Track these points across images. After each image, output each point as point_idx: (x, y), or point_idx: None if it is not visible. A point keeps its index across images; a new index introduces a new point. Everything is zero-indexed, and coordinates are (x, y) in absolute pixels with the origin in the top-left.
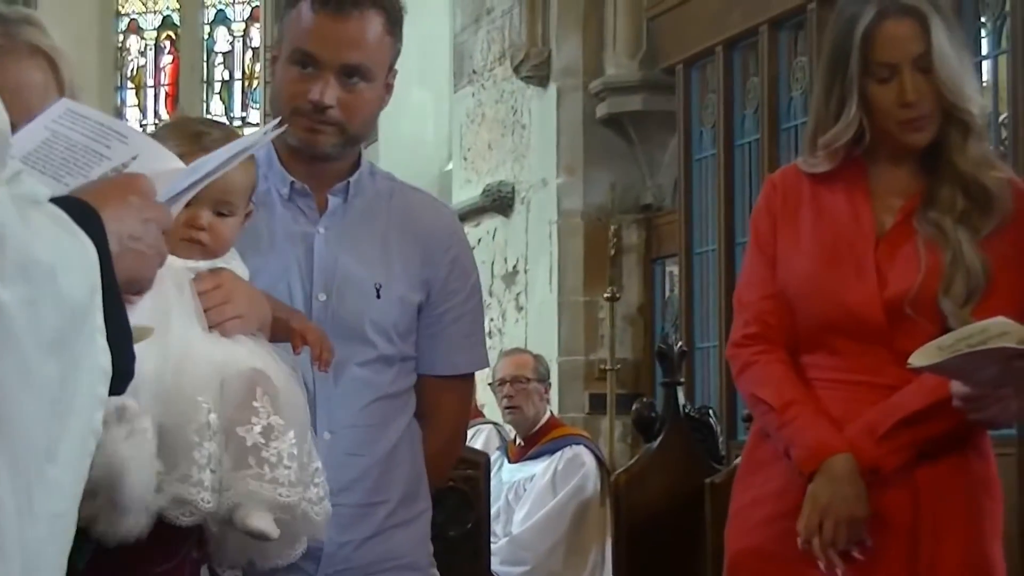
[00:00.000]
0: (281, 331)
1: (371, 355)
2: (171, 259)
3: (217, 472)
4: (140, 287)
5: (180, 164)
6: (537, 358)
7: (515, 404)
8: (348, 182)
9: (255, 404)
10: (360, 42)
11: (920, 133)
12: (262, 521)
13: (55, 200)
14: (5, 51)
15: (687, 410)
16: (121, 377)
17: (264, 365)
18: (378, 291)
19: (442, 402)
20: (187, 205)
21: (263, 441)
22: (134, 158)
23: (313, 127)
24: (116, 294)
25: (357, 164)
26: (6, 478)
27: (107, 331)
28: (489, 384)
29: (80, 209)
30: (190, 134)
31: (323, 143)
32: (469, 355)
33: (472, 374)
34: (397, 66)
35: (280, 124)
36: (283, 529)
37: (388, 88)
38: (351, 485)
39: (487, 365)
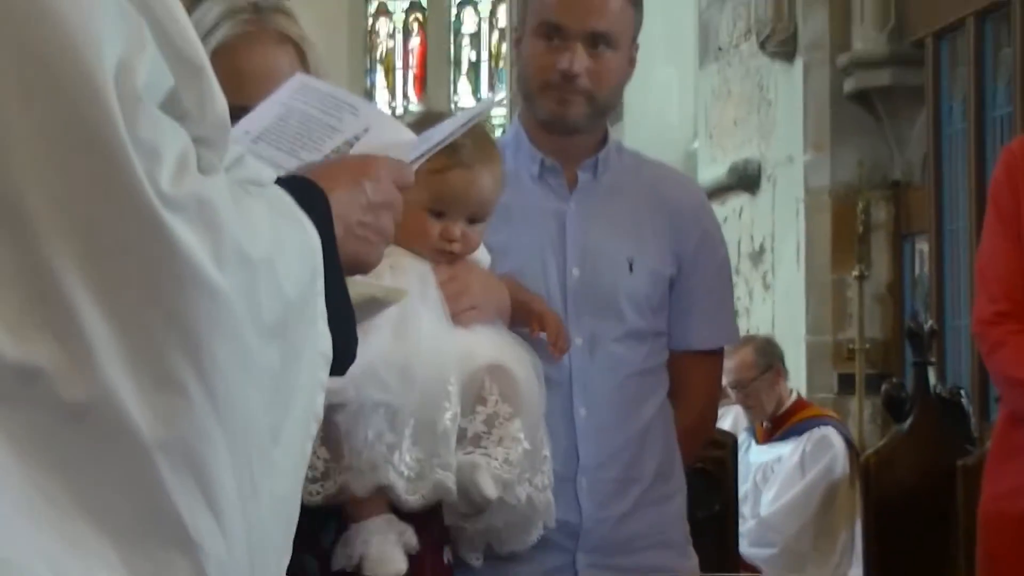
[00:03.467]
0: (522, 314)
1: (625, 329)
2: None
3: None
4: (363, 271)
5: (411, 136)
6: (759, 346)
7: (749, 405)
8: (597, 158)
9: (483, 393)
10: (604, 9)
11: None
12: (486, 484)
13: (284, 180)
14: (254, 37)
15: (938, 390)
16: (342, 360)
17: (503, 356)
18: (631, 265)
19: (693, 378)
20: (441, 217)
21: (485, 430)
22: (366, 130)
23: (563, 97)
24: (339, 277)
25: (604, 140)
26: (227, 461)
27: (328, 314)
28: None
29: (307, 190)
30: (447, 146)
31: (574, 114)
32: (720, 329)
33: (722, 349)
34: (642, 42)
35: (500, 97)
36: (513, 516)
37: (632, 61)
38: (607, 461)
39: (738, 340)
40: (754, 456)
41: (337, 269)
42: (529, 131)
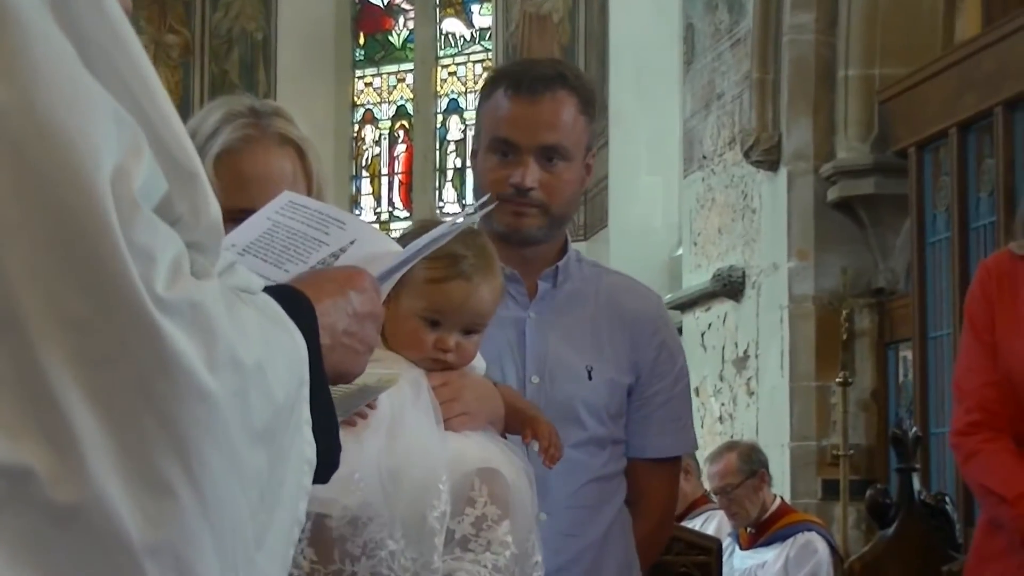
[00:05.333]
0: (516, 422)
1: (584, 436)
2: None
3: None
4: (346, 380)
5: (397, 248)
6: (743, 453)
7: (733, 512)
8: (556, 267)
9: (472, 495)
10: (555, 123)
11: None
12: None
13: (272, 288)
14: (255, 141)
15: (922, 497)
16: (326, 467)
17: (493, 459)
18: (589, 373)
19: (651, 485)
20: (436, 326)
21: (473, 532)
22: (352, 243)
23: (517, 211)
24: (324, 385)
25: (564, 250)
26: (215, 565)
27: (313, 422)
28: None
29: (294, 299)
30: (447, 256)
31: (528, 225)
32: (677, 438)
33: (679, 457)
34: (627, 150)
35: (487, 203)
36: None
37: (588, 169)
38: (567, 566)
39: (696, 448)
40: (738, 562)
41: (322, 377)
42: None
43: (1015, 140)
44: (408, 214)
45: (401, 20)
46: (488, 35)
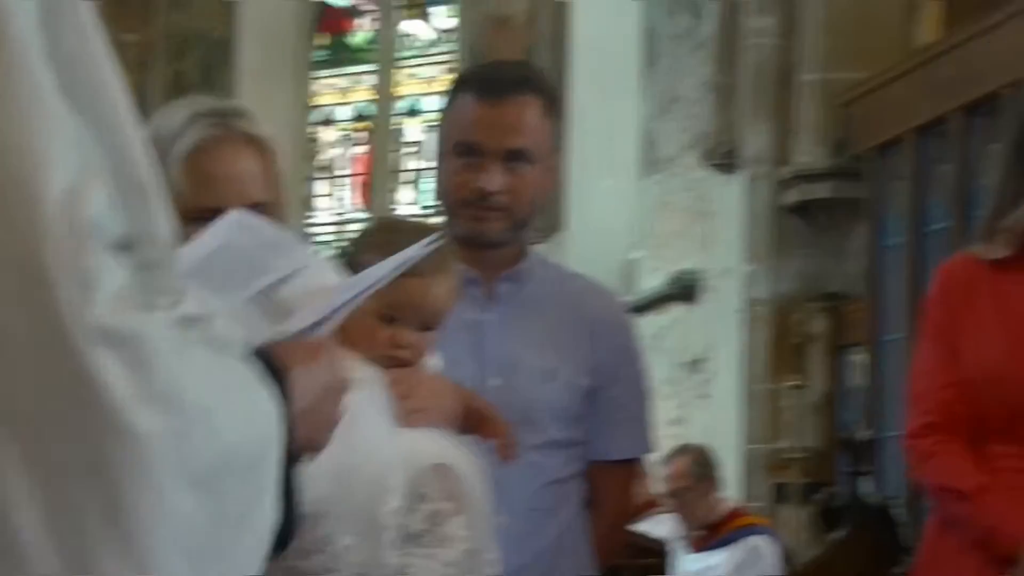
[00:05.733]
0: (472, 421)
1: (543, 439)
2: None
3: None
4: (312, 452)
5: (344, 280)
6: (695, 456)
7: (684, 514)
8: (517, 270)
9: (425, 491)
10: (519, 126)
11: None
12: None
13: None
14: (223, 140)
15: (872, 500)
16: (284, 538)
17: (447, 455)
18: (550, 376)
19: (609, 487)
20: (391, 323)
21: (427, 527)
22: (296, 271)
23: (480, 215)
24: (290, 456)
25: (524, 252)
26: None
27: (278, 490)
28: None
29: (270, 364)
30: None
31: (491, 230)
32: (636, 441)
33: (639, 459)
34: (584, 153)
35: (437, 240)
36: None
37: (552, 172)
38: (524, 569)
39: (654, 451)
40: (688, 564)
41: (290, 446)
42: None
43: (971, 146)
44: (366, 215)
45: (362, 22)
46: (449, 37)
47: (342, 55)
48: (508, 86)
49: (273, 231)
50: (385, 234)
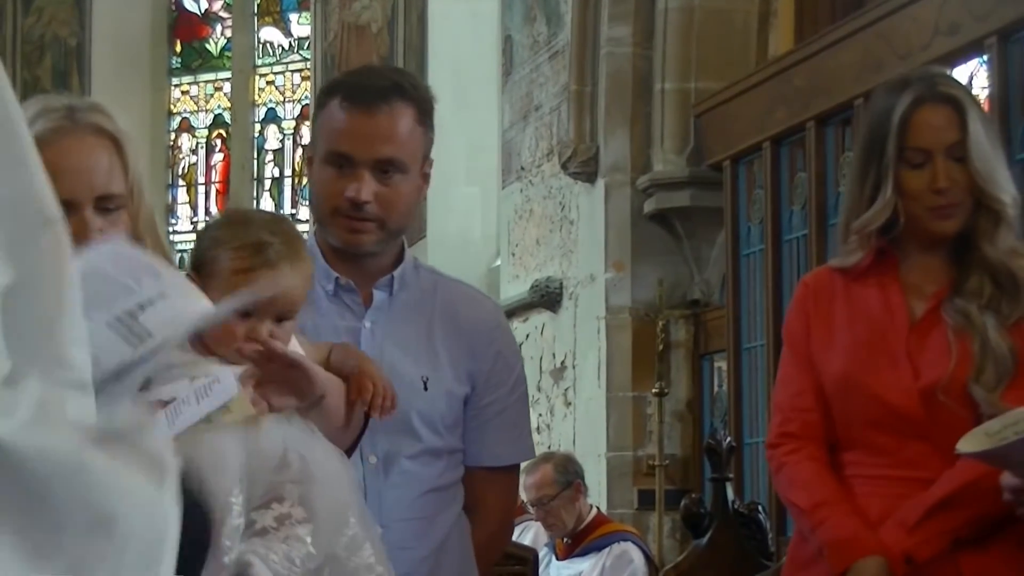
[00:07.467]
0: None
1: (419, 448)
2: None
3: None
4: None
5: (206, 306)
6: (559, 463)
7: (549, 523)
8: (392, 276)
9: (282, 493)
10: (391, 136)
11: (948, 221)
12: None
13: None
14: (67, 132)
15: (736, 506)
16: None
17: (312, 465)
18: (425, 384)
19: (488, 494)
20: (247, 317)
21: (275, 526)
22: (161, 295)
23: (353, 226)
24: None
25: (400, 258)
26: None
27: None
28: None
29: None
30: (252, 245)
31: (364, 241)
32: (514, 447)
33: (517, 466)
34: (445, 161)
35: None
36: None
37: (425, 178)
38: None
39: (533, 456)
40: (555, 572)
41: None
42: (323, 251)
43: (826, 154)
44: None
45: (218, 28)
46: (306, 44)
47: (199, 62)
48: (380, 94)
49: (144, 256)
50: (233, 228)
